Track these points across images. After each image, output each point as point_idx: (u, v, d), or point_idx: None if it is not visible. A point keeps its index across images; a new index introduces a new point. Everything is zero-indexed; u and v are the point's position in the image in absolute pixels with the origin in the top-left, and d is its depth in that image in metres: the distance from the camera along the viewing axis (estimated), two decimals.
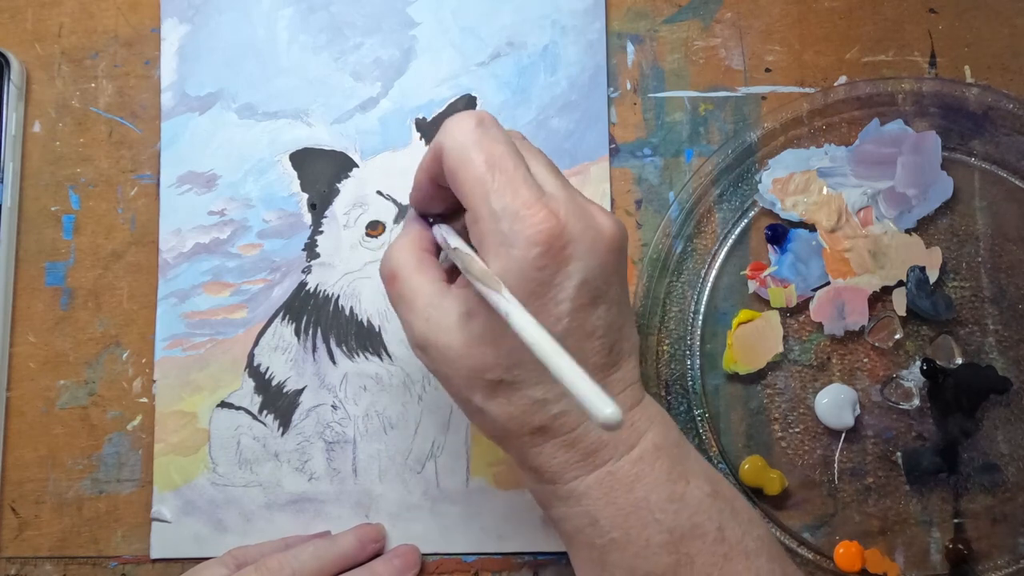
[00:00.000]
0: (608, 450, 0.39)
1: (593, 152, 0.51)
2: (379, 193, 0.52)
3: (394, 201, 0.51)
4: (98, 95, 0.54)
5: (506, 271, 0.37)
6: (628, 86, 0.52)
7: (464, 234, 0.40)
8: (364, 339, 0.51)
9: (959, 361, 0.48)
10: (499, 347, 0.38)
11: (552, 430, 0.39)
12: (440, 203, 0.42)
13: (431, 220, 0.43)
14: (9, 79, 0.52)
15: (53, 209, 0.53)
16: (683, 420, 0.49)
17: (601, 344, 0.39)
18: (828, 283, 0.49)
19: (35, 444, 0.52)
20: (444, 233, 0.41)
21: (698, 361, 0.49)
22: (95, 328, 0.52)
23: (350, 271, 0.51)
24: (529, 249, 0.36)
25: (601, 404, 0.31)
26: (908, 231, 0.49)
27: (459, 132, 0.38)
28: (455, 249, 0.39)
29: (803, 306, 0.49)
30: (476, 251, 0.38)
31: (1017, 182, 0.49)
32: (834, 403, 0.48)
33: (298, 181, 0.52)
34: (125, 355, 0.52)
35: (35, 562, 0.51)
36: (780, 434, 0.49)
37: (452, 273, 0.42)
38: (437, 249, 0.42)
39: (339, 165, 0.52)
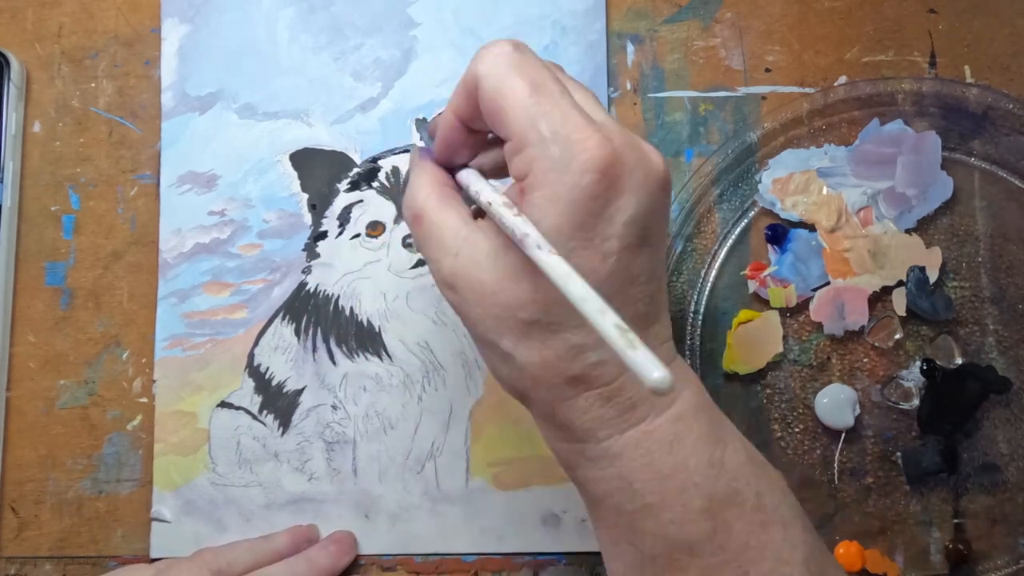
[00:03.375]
0: (646, 406, 0.36)
1: None
2: (379, 192, 0.52)
3: (393, 200, 0.51)
4: (98, 95, 0.54)
5: (555, 199, 0.34)
6: (628, 86, 0.52)
7: (486, 175, 0.38)
8: (364, 339, 0.51)
9: (959, 361, 0.48)
10: (536, 283, 0.35)
11: (589, 380, 0.36)
12: (467, 151, 0.39)
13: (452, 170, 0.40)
14: (9, 79, 0.52)
15: (53, 209, 0.53)
16: None
17: (643, 292, 0.36)
18: (828, 283, 0.49)
19: (35, 444, 0.52)
20: (469, 180, 0.38)
21: (698, 361, 0.49)
22: (95, 328, 0.52)
23: (350, 271, 0.51)
24: (583, 175, 0.34)
25: (648, 368, 0.29)
26: (908, 231, 0.49)
27: (496, 58, 0.35)
28: (478, 196, 0.37)
29: (803, 306, 0.49)
30: (507, 199, 0.36)
31: (1017, 182, 0.49)
32: (834, 403, 0.48)
33: (298, 181, 0.52)
34: (125, 355, 0.52)
35: (35, 562, 0.51)
36: (780, 434, 0.49)
37: (478, 213, 0.38)
38: (458, 186, 0.39)
39: (339, 165, 0.52)
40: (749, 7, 0.52)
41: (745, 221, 0.50)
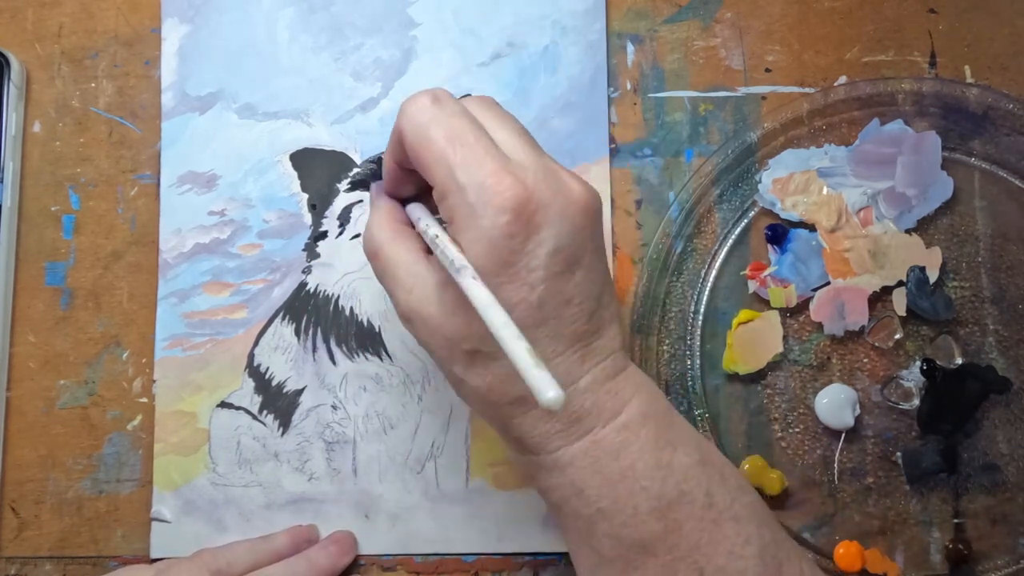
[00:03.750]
0: (591, 418, 0.38)
1: (593, 152, 0.51)
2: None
3: None
4: (98, 95, 0.54)
5: (476, 242, 0.37)
6: (628, 86, 0.52)
7: (436, 211, 0.40)
8: (364, 339, 0.51)
9: (959, 361, 0.48)
10: (471, 317, 0.37)
11: (531, 400, 0.38)
12: (411, 186, 0.42)
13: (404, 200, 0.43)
14: (9, 79, 0.52)
15: (53, 209, 0.53)
16: None
17: (580, 310, 0.38)
18: (828, 283, 0.49)
19: (35, 444, 0.52)
20: (418, 214, 0.41)
21: (698, 361, 0.49)
22: (95, 328, 0.52)
23: (350, 271, 0.51)
24: (497, 217, 0.36)
25: (545, 387, 0.32)
26: (908, 231, 0.49)
27: (416, 112, 0.38)
28: (426, 232, 0.40)
29: (803, 306, 0.49)
30: (446, 229, 0.38)
31: (1017, 182, 0.49)
32: (834, 403, 0.48)
33: (298, 181, 0.52)
34: (125, 355, 0.52)
35: (35, 562, 0.51)
36: (780, 434, 0.49)
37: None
38: (411, 222, 0.42)
39: (339, 165, 0.52)
40: (749, 7, 0.52)
41: (745, 221, 0.50)
